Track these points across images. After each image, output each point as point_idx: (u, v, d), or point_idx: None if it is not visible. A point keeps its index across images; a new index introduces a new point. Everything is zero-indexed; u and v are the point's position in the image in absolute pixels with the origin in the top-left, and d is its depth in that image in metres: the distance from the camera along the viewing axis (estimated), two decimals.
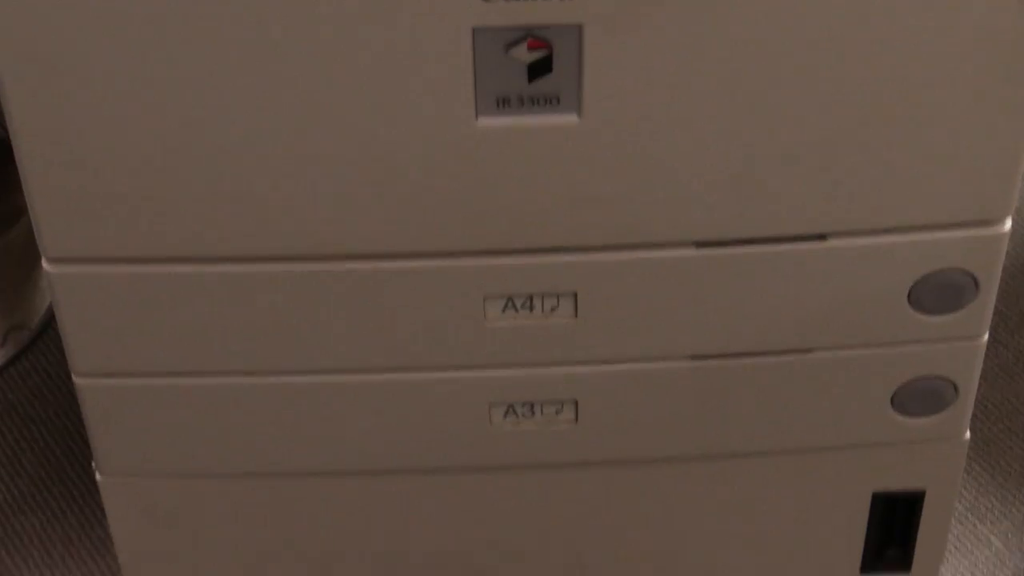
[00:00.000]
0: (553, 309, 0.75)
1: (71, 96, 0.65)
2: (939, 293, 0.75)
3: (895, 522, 0.87)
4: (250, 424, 0.79)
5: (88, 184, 0.69)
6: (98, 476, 0.81)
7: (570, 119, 0.67)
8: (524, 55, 0.64)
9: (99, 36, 0.63)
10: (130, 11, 0.62)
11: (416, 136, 0.67)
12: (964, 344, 0.78)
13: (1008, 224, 0.73)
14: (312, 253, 0.72)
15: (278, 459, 0.81)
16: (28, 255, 1.14)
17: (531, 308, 0.75)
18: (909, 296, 0.75)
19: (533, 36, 0.63)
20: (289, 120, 0.67)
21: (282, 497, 0.84)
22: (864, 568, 0.90)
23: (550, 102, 0.66)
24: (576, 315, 0.74)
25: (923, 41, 0.65)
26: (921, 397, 0.80)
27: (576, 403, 0.79)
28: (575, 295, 0.74)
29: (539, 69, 0.65)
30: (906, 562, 0.89)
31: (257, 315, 0.74)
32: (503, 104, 0.66)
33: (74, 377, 0.77)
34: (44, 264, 0.72)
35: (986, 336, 0.78)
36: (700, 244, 0.72)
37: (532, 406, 0.79)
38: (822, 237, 0.72)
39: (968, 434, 0.82)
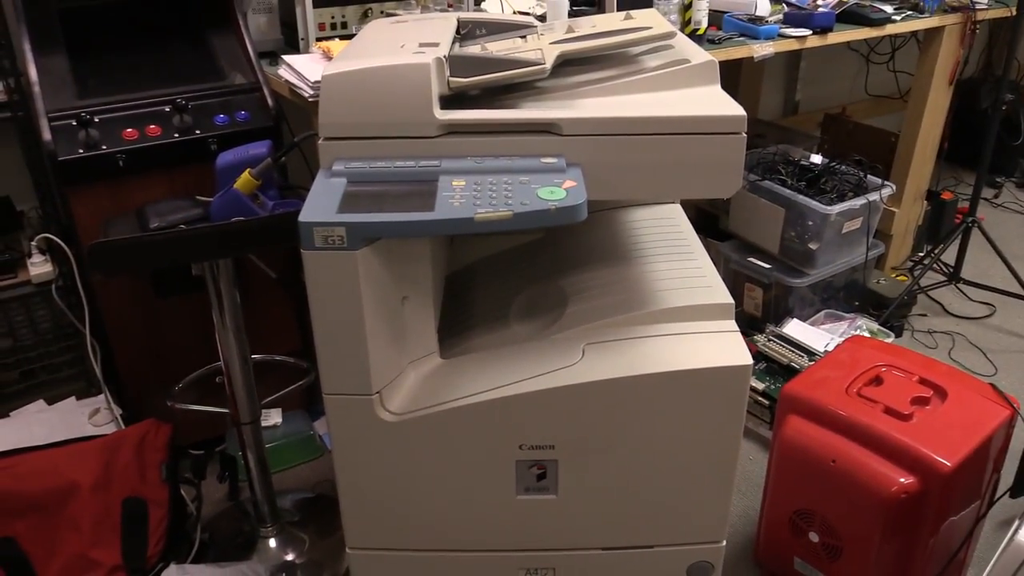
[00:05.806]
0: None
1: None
2: (698, 572, 1.26)
3: None
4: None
5: (378, 523, 1.21)
6: None
7: (552, 497, 1.20)
8: (535, 471, 1.18)
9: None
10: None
11: (493, 502, 1.20)
12: None
13: (724, 542, 1.24)
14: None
15: None
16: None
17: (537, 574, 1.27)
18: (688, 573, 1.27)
19: (539, 464, 1.18)
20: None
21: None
22: None
23: (546, 490, 1.19)
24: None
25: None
26: None
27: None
28: (553, 570, 1.26)
29: (541, 477, 1.18)
30: None
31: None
32: (527, 490, 1.19)
33: None
34: (347, 549, 1.25)
35: None
36: (604, 548, 1.26)
37: None
38: (650, 547, 1.25)
39: None
